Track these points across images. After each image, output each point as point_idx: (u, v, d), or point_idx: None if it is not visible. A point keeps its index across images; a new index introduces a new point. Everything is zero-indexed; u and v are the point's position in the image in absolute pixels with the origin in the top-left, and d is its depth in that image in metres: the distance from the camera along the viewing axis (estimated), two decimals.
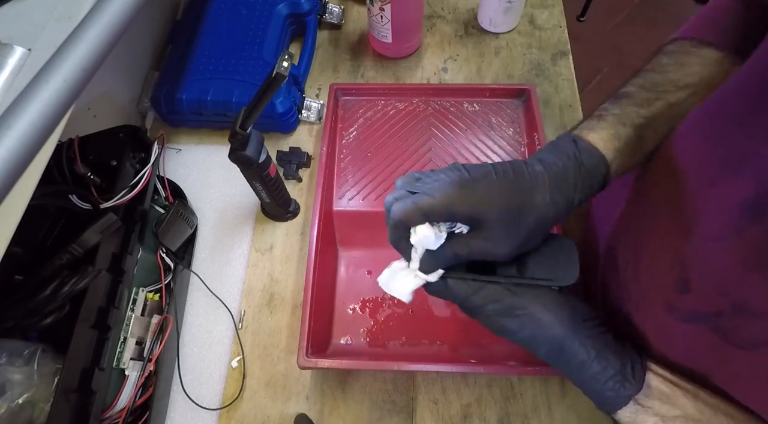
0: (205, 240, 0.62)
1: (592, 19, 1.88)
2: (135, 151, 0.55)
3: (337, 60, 0.75)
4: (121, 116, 0.66)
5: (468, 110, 0.65)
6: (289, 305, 0.58)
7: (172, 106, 0.64)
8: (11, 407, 0.39)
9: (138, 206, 0.53)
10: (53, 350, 0.43)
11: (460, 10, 0.79)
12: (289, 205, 0.62)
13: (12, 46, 0.32)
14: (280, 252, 0.62)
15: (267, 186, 0.55)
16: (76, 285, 0.43)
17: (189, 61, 0.66)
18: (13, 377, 0.40)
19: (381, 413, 0.53)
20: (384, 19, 0.67)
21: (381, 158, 0.62)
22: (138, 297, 0.51)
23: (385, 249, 0.61)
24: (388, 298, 0.58)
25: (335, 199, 0.60)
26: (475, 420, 0.52)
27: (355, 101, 0.67)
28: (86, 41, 0.28)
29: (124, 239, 0.50)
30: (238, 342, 0.56)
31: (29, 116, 0.25)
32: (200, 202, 0.64)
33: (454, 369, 0.48)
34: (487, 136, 0.63)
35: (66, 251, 0.45)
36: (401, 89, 0.67)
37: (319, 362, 0.48)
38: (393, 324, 0.56)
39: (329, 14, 0.76)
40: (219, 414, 0.53)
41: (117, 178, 0.50)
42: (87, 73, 0.28)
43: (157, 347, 0.50)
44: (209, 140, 0.69)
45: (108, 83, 0.63)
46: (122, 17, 0.30)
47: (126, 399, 0.47)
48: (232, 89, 0.63)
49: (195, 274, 0.59)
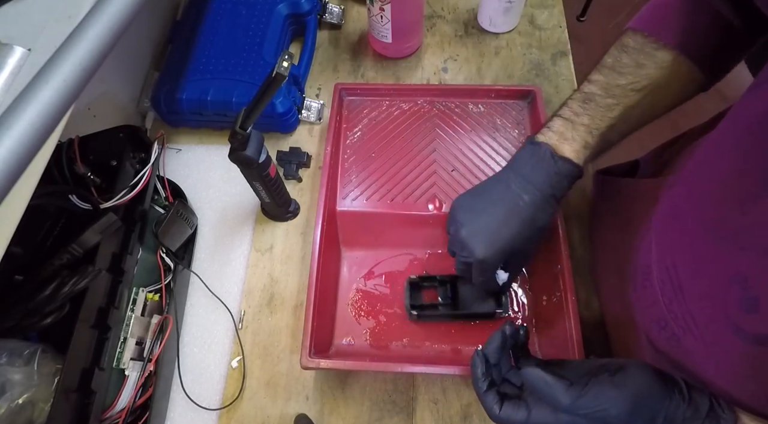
0: (205, 240, 0.62)
1: (592, 19, 1.88)
2: (135, 151, 0.55)
3: (337, 60, 0.75)
4: (121, 116, 0.66)
5: (473, 111, 0.65)
6: (289, 305, 0.58)
7: (172, 106, 0.64)
8: (11, 407, 0.39)
9: (138, 206, 0.53)
10: (53, 350, 0.43)
11: (460, 10, 0.79)
12: (289, 205, 0.62)
13: (12, 46, 0.32)
14: (280, 252, 0.62)
15: (267, 186, 0.55)
16: (76, 285, 0.43)
17: (189, 61, 0.66)
18: (13, 377, 0.40)
19: (381, 413, 0.53)
20: (384, 19, 0.67)
21: (385, 159, 0.62)
22: (138, 297, 0.51)
23: (387, 249, 0.62)
24: (391, 299, 0.58)
25: (339, 199, 0.60)
26: (475, 420, 0.52)
27: (359, 101, 0.67)
28: (86, 41, 0.28)
29: (124, 239, 0.50)
30: (238, 342, 0.56)
31: (29, 116, 0.25)
32: (200, 202, 0.64)
33: (457, 372, 0.48)
34: (492, 137, 0.63)
35: (66, 251, 0.44)
36: (406, 90, 0.67)
37: (321, 363, 0.48)
38: (395, 325, 0.56)
39: (329, 14, 0.76)
40: (219, 414, 0.53)
41: (117, 178, 0.50)
42: (87, 73, 0.28)
43: (157, 347, 0.50)
44: (209, 140, 0.69)
45: (108, 83, 0.63)
46: (122, 17, 0.30)
47: (126, 399, 0.47)
48: (232, 89, 0.63)
49: (195, 274, 0.59)
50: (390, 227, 0.59)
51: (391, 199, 0.59)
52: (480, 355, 0.39)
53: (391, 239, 0.60)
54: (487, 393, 0.37)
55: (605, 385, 0.34)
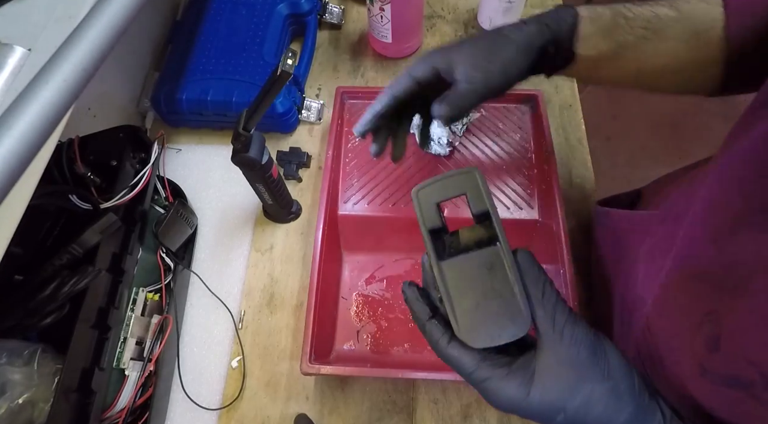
0: (205, 240, 0.62)
1: None
2: (135, 151, 0.55)
3: (337, 60, 0.75)
4: (121, 116, 0.66)
5: (474, 115, 0.65)
6: (290, 305, 0.58)
7: (172, 106, 0.64)
8: (11, 407, 0.39)
9: (138, 206, 0.53)
10: (53, 350, 0.43)
11: (460, 10, 0.79)
12: (291, 207, 0.62)
13: (12, 46, 0.32)
14: (280, 252, 0.62)
15: (270, 188, 0.54)
16: (76, 285, 0.43)
17: (189, 62, 0.66)
18: (13, 377, 0.40)
19: (381, 413, 0.53)
20: (384, 19, 0.67)
21: (387, 163, 0.62)
22: (138, 297, 0.51)
23: (388, 254, 0.62)
24: (393, 303, 0.58)
25: (340, 203, 0.59)
26: (475, 420, 0.52)
27: (361, 105, 0.66)
28: (86, 41, 0.28)
29: (124, 239, 0.50)
30: (238, 342, 0.56)
31: (29, 117, 0.25)
32: (200, 202, 0.64)
33: (458, 378, 0.48)
34: (494, 141, 0.63)
35: (66, 251, 0.45)
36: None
37: (322, 369, 0.48)
38: (396, 330, 0.56)
39: (329, 14, 0.76)
40: (219, 414, 0.53)
41: (117, 178, 0.50)
42: (87, 73, 0.28)
43: (157, 347, 0.50)
44: (209, 140, 0.69)
45: (108, 83, 0.63)
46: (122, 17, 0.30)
47: (126, 399, 0.47)
48: (232, 89, 0.63)
49: (195, 274, 0.59)
50: (391, 231, 0.59)
51: (392, 203, 0.59)
52: (409, 285, 0.34)
53: (393, 243, 0.60)
54: (431, 322, 0.32)
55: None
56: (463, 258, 0.30)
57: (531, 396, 0.29)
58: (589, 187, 0.65)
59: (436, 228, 0.31)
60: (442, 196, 0.31)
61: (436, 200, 0.31)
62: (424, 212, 0.31)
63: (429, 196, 0.31)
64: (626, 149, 1.64)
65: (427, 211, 0.31)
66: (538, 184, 0.59)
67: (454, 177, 0.31)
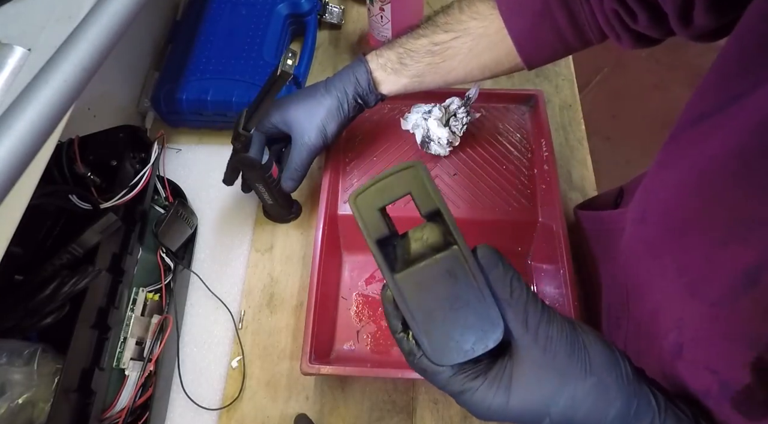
0: (205, 240, 0.62)
1: None
2: (135, 151, 0.55)
3: (337, 60, 0.75)
4: (121, 116, 0.66)
5: (474, 115, 0.65)
6: (289, 305, 0.58)
7: (172, 106, 0.64)
8: (11, 407, 0.39)
9: (138, 206, 0.53)
10: (53, 350, 0.43)
11: None
12: (291, 207, 0.62)
13: (12, 46, 0.32)
14: (280, 252, 0.62)
15: (270, 188, 0.54)
16: (76, 285, 0.43)
17: (189, 62, 0.66)
18: (13, 377, 0.40)
19: (381, 413, 0.53)
20: (384, 19, 0.67)
21: (386, 163, 0.61)
22: (138, 297, 0.51)
23: None
24: None
25: (340, 203, 0.59)
26: (476, 420, 0.52)
27: None
28: (86, 41, 0.28)
29: (124, 239, 0.50)
30: (238, 342, 0.56)
31: (29, 116, 0.25)
32: (200, 202, 0.64)
33: None
34: (494, 141, 0.62)
35: (66, 251, 0.44)
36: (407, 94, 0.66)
37: (322, 369, 0.48)
38: None
39: (329, 14, 0.76)
40: (219, 414, 0.53)
41: (117, 178, 0.50)
42: (87, 73, 0.28)
43: (157, 347, 0.50)
44: (209, 140, 0.69)
45: (108, 83, 0.63)
46: (122, 17, 0.30)
47: (126, 399, 0.47)
48: (232, 89, 0.63)
49: (195, 274, 0.59)
50: None
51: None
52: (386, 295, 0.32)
53: None
54: (400, 335, 0.30)
55: None
56: (421, 267, 0.27)
57: (511, 404, 0.28)
58: (589, 188, 0.65)
59: (383, 237, 0.28)
60: (384, 199, 0.27)
61: (378, 205, 0.27)
62: (366, 220, 0.27)
63: (369, 202, 0.27)
64: (626, 149, 1.64)
65: (369, 219, 0.27)
66: (538, 185, 0.59)
67: (394, 175, 0.27)
